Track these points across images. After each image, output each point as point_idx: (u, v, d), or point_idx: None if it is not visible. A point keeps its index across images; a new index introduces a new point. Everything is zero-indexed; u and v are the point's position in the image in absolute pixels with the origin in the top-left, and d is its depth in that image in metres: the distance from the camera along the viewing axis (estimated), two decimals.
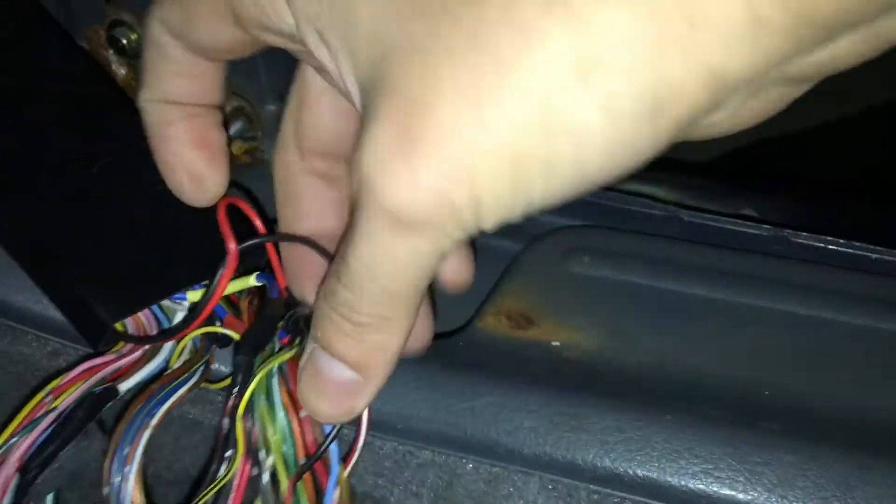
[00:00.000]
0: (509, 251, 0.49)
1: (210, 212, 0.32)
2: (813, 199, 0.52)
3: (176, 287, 0.32)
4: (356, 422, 0.31)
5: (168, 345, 0.32)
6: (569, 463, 0.38)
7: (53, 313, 0.38)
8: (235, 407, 0.30)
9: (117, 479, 0.29)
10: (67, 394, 0.30)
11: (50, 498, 0.30)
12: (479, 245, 0.52)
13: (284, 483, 0.30)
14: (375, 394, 0.27)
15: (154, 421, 0.30)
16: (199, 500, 0.29)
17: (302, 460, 0.30)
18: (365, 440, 0.31)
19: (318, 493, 0.30)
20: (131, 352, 0.31)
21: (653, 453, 0.37)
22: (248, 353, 0.31)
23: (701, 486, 0.36)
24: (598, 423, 0.38)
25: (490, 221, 0.22)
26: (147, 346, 0.32)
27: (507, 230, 0.50)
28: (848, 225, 0.47)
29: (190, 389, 0.31)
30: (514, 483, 0.40)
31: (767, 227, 0.46)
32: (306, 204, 0.31)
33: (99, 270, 0.31)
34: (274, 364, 0.31)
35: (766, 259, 0.45)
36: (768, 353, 0.41)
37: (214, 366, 0.36)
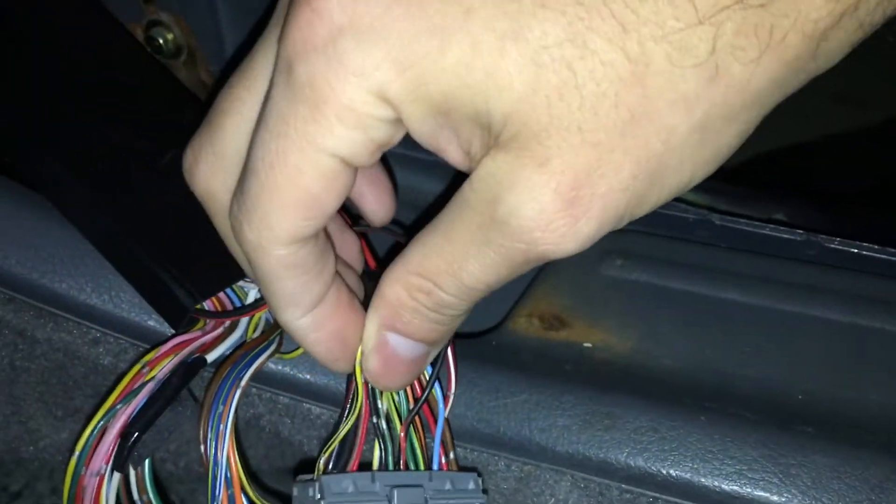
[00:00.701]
0: None
1: None
2: (844, 206, 0.52)
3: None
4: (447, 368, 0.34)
5: (243, 322, 0.34)
6: (601, 461, 0.38)
7: (95, 301, 0.38)
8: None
9: (213, 436, 0.31)
10: (161, 365, 0.32)
11: (147, 462, 0.32)
12: None
13: (398, 427, 0.33)
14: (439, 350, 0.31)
15: (243, 382, 0.32)
16: (334, 441, 0.32)
17: (411, 405, 0.34)
18: None
19: (426, 432, 0.34)
20: (214, 328, 0.34)
21: (686, 453, 0.37)
22: None
23: (735, 487, 0.36)
24: (632, 422, 0.38)
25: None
26: (227, 323, 0.34)
27: None
28: (879, 231, 0.47)
29: (269, 357, 0.34)
30: (546, 481, 0.40)
31: (800, 231, 0.46)
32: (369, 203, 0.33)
33: (177, 257, 0.34)
34: None
35: (798, 264, 0.45)
36: (801, 357, 0.42)
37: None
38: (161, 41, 0.49)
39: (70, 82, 0.40)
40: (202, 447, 0.31)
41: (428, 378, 0.33)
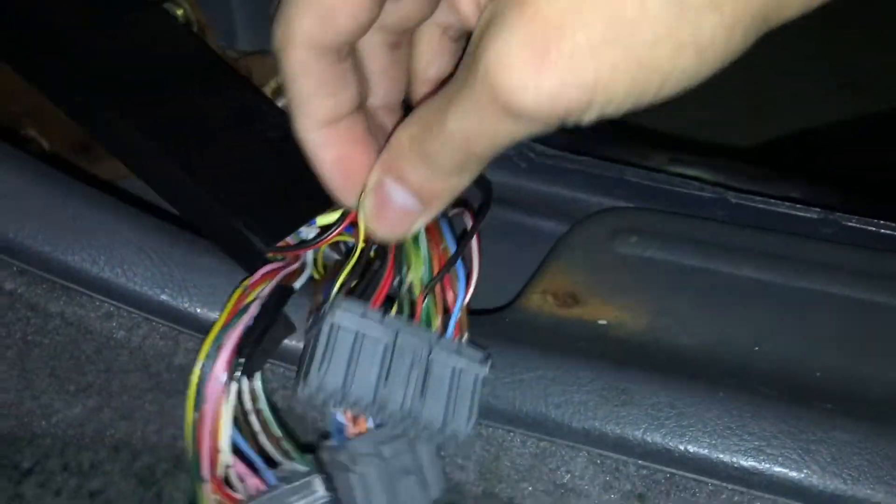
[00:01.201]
0: (555, 232, 0.49)
1: None
2: (860, 185, 0.52)
3: (309, 215, 0.37)
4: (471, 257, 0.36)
5: (310, 260, 0.37)
6: (618, 437, 0.37)
7: (108, 274, 0.38)
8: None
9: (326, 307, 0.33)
10: (259, 290, 0.35)
11: (259, 374, 0.34)
12: (525, 226, 0.52)
13: (417, 293, 0.35)
14: (429, 221, 0.32)
15: (338, 284, 0.34)
16: (347, 271, 0.34)
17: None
18: None
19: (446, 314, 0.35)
20: (290, 263, 0.36)
21: (704, 429, 0.37)
22: None
23: (753, 463, 0.36)
24: (649, 398, 0.38)
25: (591, 120, 0.25)
26: (299, 261, 0.37)
27: (553, 212, 0.51)
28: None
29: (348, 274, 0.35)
30: (562, 457, 0.40)
31: (817, 209, 0.46)
32: (375, 78, 0.34)
33: (248, 204, 0.37)
34: None
35: (815, 241, 0.45)
36: (819, 335, 0.41)
37: None
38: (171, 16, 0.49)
39: (126, 56, 0.42)
40: (319, 317, 0.33)
41: (450, 255, 0.35)
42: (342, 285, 0.34)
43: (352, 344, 0.32)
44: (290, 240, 0.37)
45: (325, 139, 0.32)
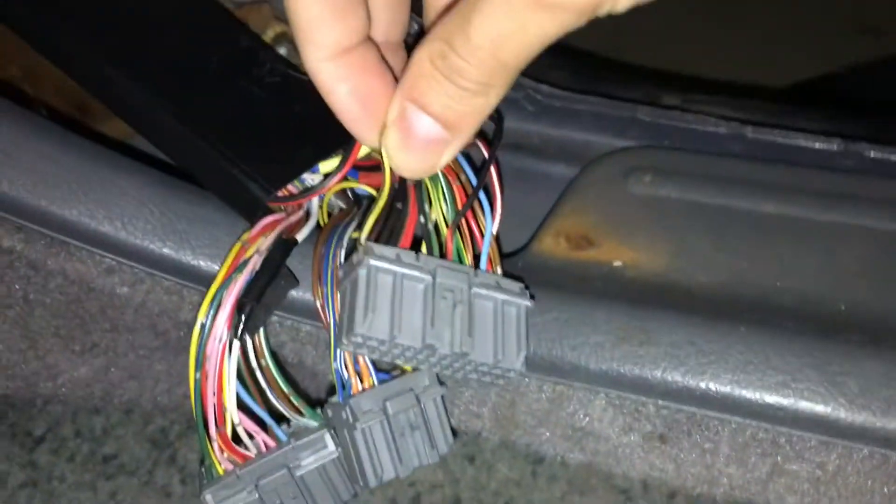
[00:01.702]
0: (566, 176, 0.47)
1: (318, 97, 0.34)
2: (879, 115, 0.50)
3: (311, 162, 0.36)
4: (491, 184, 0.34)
5: (315, 209, 0.36)
6: (637, 378, 0.36)
7: (108, 228, 0.37)
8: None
9: (328, 292, 0.33)
10: (258, 243, 0.33)
11: (262, 330, 0.34)
12: (535, 170, 0.51)
13: (444, 231, 0.34)
14: (458, 152, 0.30)
15: (345, 241, 0.33)
16: (370, 222, 0.32)
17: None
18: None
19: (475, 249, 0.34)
20: (293, 213, 0.35)
21: (726, 366, 0.36)
22: None
23: (778, 399, 0.35)
24: (668, 336, 0.36)
25: (625, 7, 0.24)
26: (303, 210, 0.35)
27: (564, 155, 0.50)
28: None
29: (355, 228, 0.34)
30: (580, 400, 0.38)
31: (838, 140, 0.44)
32: (378, 8, 0.32)
33: (247, 153, 0.35)
34: None
35: (836, 173, 0.43)
36: (842, 268, 0.40)
37: None
38: None
39: (118, 5, 0.40)
40: (317, 302, 0.33)
41: (473, 188, 0.33)
42: (371, 230, 0.32)
43: (392, 288, 0.30)
44: (293, 188, 0.36)
45: (339, 70, 0.30)
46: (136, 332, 0.42)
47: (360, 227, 0.33)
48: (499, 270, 0.34)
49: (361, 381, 0.33)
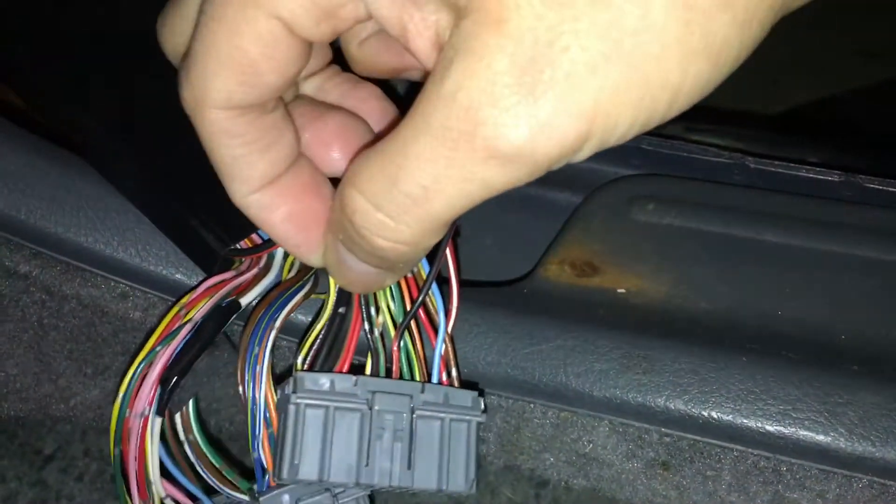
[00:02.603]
0: (570, 203, 0.48)
1: None
2: (878, 147, 0.51)
3: None
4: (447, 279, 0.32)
5: (277, 264, 0.34)
6: (640, 405, 0.37)
7: (122, 255, 0.38)
8: None
9: (249, 377, 0.31)
10: (197, 308, 0.32)
11: (192, 403, 0.32)
12: (540, 197, 0.52)
13: (392, 333, 0.32)
14: (397, 279, 0.29)
15: (278, 323, 0.32)
16: (308, 337, 0.31)
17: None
18: None
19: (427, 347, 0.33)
20: (248, 269, 0.33)
21: (728, 395, 0.36)
22: None
23: (779, 428, 0.36)
24: (671, 365, 0.37)
25: (586, 156, 0.22)
26: (262, 264, 0.33)
27: (568, 182, 0.51)
28: None
29: (304, 297, 0.33)
30: (584, 427, 0.39)
31: (838, 172, 0.45)
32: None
33: (206, 203, 0.33)
34: None
35: (836, 203, 0.44)
36: (843, 297, 0.40)
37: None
38: None
39: (98, 37, 0.40)
40: (240, 388, 0.31)
41: (423, 282, 0.31)
42: (307, 352, 0.31)
43: (323, 424, 0.29)
44: (259, 237, 0.34)
45: (269, 199, 0.27)
46: None
47: (302, 340, 0.31)
48: (454, 373, 0.32)
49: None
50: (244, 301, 0.33)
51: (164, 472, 0.31)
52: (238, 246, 0.34)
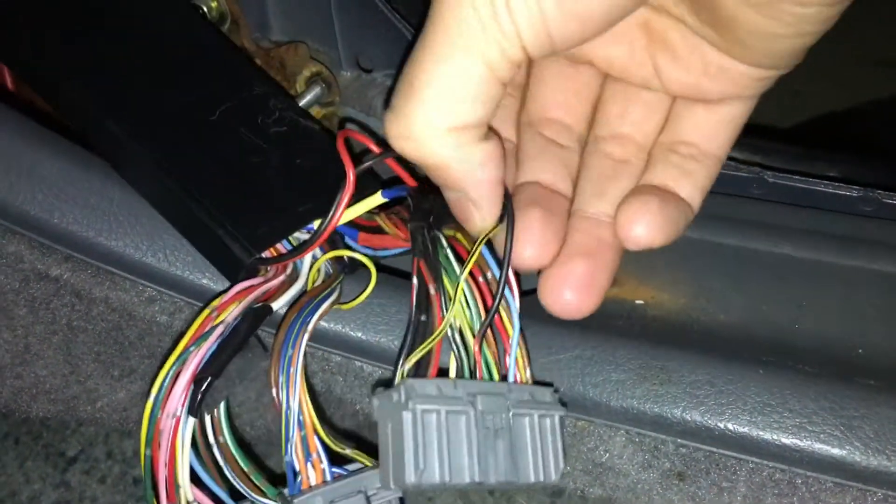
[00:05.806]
0: None
1: (326, 148, 0.34)
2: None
3: (303, 221, 0.35)
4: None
5: (304, 272, 0.34)
6: (657, 416, 0.37)
7: (151, 260, 0.39)
8: (420, 269, 0.33)
9: (284, 380, 0.32)
10: (228, 311, 0.32)
11: (223, 404, 0.32)
12: None
13: (471, 342, 0.33)
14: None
15: (310, 326, 0.33)
16: (423, 349, 0.32)
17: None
18: None
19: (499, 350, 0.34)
20: (275, 276, 0.34)
21: (744, 407, 0.37)
22: (420, 218, 0.33)
23: (795, 441, 0.36)
24: (688, 376, 0.37)
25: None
26: (288, 272, 0.34)
27: None
28: None
29: (332, 304, 0.34)
30: (600, 436, 0.40)
31: (857, 187, 0.45)
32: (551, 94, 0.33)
33: (233, 212, 0.34)
34: (441, 236, 0.34)
35: (855, 218, 0.44)
36: (860, 312, 0.41)
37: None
38: (205, 9, 0.49)
39: (127, 48, 0.40)
40: (274, 391, 0.32)
41: (495, 293, 0.32)
42: (404, 360, 0.31)
43: (437, 428, 0.30)
44: (284, 246, 0.34)
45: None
46: None
47: (400, 356, 0.32)
48: (527, 374, 0.34)
49: (315, 471, 0.32)
50: (275, 306, 0.33)
51: (192, 476, 0.32)
52: (263, 255, 0.34)
